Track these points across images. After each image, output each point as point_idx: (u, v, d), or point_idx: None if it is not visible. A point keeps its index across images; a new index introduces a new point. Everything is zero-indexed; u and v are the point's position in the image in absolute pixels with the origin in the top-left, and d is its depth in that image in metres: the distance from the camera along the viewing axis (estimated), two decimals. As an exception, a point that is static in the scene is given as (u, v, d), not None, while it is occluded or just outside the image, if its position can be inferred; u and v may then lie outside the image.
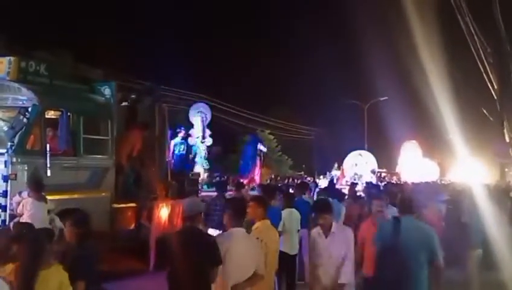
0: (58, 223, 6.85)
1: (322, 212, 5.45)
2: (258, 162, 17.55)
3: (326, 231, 5.38)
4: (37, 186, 7.35)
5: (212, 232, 6.77)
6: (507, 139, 22.92)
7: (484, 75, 22.49)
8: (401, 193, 11.85)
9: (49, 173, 8.24)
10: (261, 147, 18.45)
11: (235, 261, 4.43)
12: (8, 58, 8.78)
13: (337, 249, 5.29)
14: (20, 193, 7.47)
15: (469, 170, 25.69)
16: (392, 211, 8.96)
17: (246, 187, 13.41)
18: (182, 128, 15.04)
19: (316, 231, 5.52)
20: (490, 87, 22.70)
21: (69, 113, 8.80)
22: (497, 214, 7.97)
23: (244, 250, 4.50)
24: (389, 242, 5.03)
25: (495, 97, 22.84)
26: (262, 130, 36.48)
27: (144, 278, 5.23)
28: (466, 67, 23.20)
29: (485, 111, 24.11)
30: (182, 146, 14.73)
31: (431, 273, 4.97)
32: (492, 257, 7.47)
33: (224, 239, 4.51)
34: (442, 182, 30.00)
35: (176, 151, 14.49)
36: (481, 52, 22.11)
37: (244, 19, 40.39)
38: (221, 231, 5.82)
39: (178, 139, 14.65)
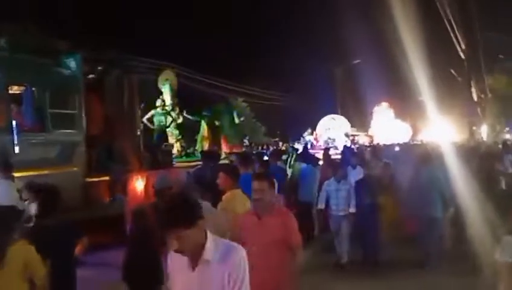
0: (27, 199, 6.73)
1: (257, 179, 4.31)
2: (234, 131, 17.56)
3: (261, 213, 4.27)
4: (4, 165, 7.17)
5: None
6: (475, 98, 23.38)
7: (452, 35, 22.71)
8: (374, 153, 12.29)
9: (17, 150, 8.06)
10: (236, 117, 18.44)
11: None
12: (-35, 32, 8.44)
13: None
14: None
15: (439, 130, 26.18)
16: (359, 171, 9.45)
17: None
18: (160, 100, 14.92)
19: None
20: (458, 47, 22.96)
21: (33, 88, 8.57)
22: (464, 172, 8.13)
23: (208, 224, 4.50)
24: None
25: (463, 57, 23.14)
26: (236, 98, 36.27)
27: (120, 250, 5.26)
28: (435, 28, 23.34)
29: (453, 72, 24.45)
30: (162, 117, 14.60)
31: None
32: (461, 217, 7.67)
33: None
34: (414, 142, 30.54)
35: (157, 123, 14.36)
36: (448, 13, 22.25)
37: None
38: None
39: (159, 110, 14.52)
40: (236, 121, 18.85)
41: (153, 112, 14.54)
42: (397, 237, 8.49)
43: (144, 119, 13.89)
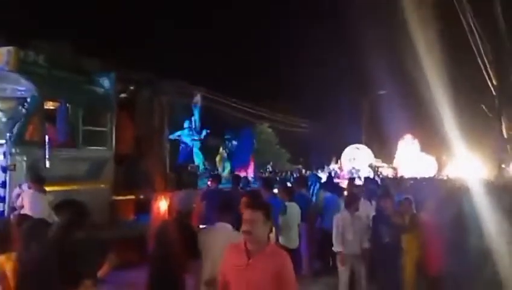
0: (54, 216, 6.86)
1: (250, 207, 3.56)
2: (251, 156, 17.67)
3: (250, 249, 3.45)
4: (37, 178, 7.33)
5: None
6: (505, 135, 23.00)
7: (483, 71, 22.52)
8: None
9: (48, 165, 8.21)
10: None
11: (212, 256, 4.51)
12: (7, 48, 8.73)
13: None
14: (20, 186, 7.46)
15: (466, 165, 25.73)
16: (367, 206, 8.78)
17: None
18: (189, 121, 15.16)
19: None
20: (489, 83, 22.73)
21: (68, 104, 8.76)
22: (496, 211, 7.98)
23: (219, 245, 4.38)
24: None
25: (494, 93, 22.88)
26: (261, 123, 36.44)
27: (142, 269, 5.28)
28: (465, 63, 23.19)
29: (484, 107, 24.16)
30: (189, 138, 14.83)
31: None
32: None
33: (205, 234, 4.61)
34: (439, 177, 30.04)
35: (183, 144, 14.60)
36: (481, 48, 22.13)
37: (244, 10, 40.25)
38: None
39: (186, 132, 14.75)
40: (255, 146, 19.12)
41: (180, 132, 14.72)
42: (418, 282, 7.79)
43: (171, 137, 14.06)
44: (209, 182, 10.84)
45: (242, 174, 15.98)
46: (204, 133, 16.66)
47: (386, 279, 6.94)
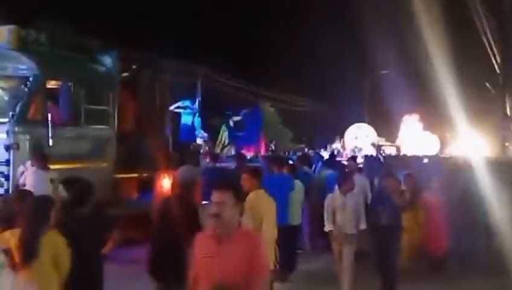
0: (62, 192, 6.90)
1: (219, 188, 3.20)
2: (261, 134, 17.70)
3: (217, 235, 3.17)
4: (39, 156, 7.39)
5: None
6: (509, 113, 22.91)
7: (488, 48, 22.34)
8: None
9: (51, 143, 8.25)
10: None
11: None
12: (8, 26, 8.67)
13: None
14: (24, 164, 7.52)
15: (469, 144, 25.68)
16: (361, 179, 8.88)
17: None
18: (190, 100, 15.13)
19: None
20: (493, 60, 22.57)
21: (70, 83, 8.76)
22: (499, 188, 8.03)
23: None
24: None
25: (498, 71, 22.73)
26: (264, 102, 36.33)
27: (145, 246, 5.36)
28: (469, 40, 22.99)
29: (488, 85, 24.01)
30: (190, 116, 14.84)
31: None
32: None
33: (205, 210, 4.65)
34: (442, 155, 30.03)
35: (184, 122, 14.60)
36: (485, 25, 21.90)
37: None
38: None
39: (187, 110, 14.76)
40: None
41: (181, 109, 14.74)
42: (419, 263, 7.83)
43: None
44: (207, 160, 10.91)
45: (251, 153, 16.05)
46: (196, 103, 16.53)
47: (382, 262, 6.63)
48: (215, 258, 3.09)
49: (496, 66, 22.65)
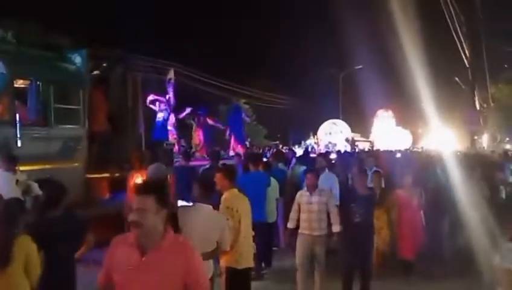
0: (36, 189, 6.77)
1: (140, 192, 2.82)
2: (243, 132, 17.76)
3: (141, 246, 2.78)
4: (7, 157, 7.20)
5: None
6: (477, 107, 23.40)
7: (457, 43, 22.76)
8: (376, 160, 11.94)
9: (19, 144, 8.07)
10: (245, 117, 18.69)
11: (193, 236, 4.35)
12: (-28, 25, 8.45)
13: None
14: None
15: (441, 137, 26.18)
16: (329, 176, 8.57)
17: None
18: (163, 97, 15.02)
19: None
20: (463, 56, 23.01)
21: (38, 82, 8.58)
22: (466, 180, 8.17)
23: (204, 225, 4.45)
24: None
25: (467, 66, 23.20)
26: (238, 99, 36.27)
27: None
28: (440, 36, 23.40)
29: (457, 79, 24.47)
30: (165, 114, 14.73)
31: None
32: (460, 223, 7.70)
33: (185, 213, 4.51)
34: (415, 149, 30.55)
35: (159, 120, 14.50)
36: (455, 20, 22.30)
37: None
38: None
39: (161, 107, 14.65)
40: (248, 120, 19.25)
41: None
42: (392, 264, 7.51)
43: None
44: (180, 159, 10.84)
45: (239, 149, 16.04)
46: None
47: (356, 261, 6.29)
48: (137, 271, 2.71)
49: (466, 61, 23.10)
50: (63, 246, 4.25)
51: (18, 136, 8.08)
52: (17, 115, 8.16)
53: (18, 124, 8.10)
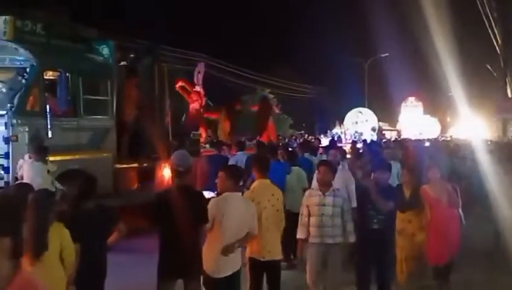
0: (57, 184, 6.90)
1: None
2: (271, 122, 17.83)
3: None
4: (38, 148, 7.34)
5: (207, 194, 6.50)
6: (509, 95, 22.82)
7: (489, 30, 22.20)
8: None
9: (50, 135, 8.19)
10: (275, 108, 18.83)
11: (228, 225, 4.60)
12: (3, 17, 8.57)
13: None
14: (23, 157, 7.48)
15: (470, 126, 25.62)
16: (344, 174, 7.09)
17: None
18: (191, 88, 15.16)
19: None
20: (494, 42, 22.44)
21: (67, 74, 8.66)
22: (499, 170, 7.96)
23: (238, 213, 4.66)
24: None
25: (499, 52, 22.63)
26: (263, 89, 36.19)
27: (147, 236, 5.29)
28: (470, 22, 22.82)
29: (489, 66, 23.90)
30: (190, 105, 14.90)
31: None
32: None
33: (219, 204, 4.65)
34: (443, 138, 30.01)
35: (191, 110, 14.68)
36: (486, 7, 21.73)
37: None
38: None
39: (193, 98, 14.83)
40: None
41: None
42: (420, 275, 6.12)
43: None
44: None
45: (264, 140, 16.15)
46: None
47: (376, 274, 5.51)
48: None
49: (497, 48, 22.51)
50: (96, 237, 4.36)
51: (49, 127, 8.20)
52: (48, 106, 8.26)
53: (49, 115, 8.21)
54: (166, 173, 10.07)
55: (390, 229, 5.49)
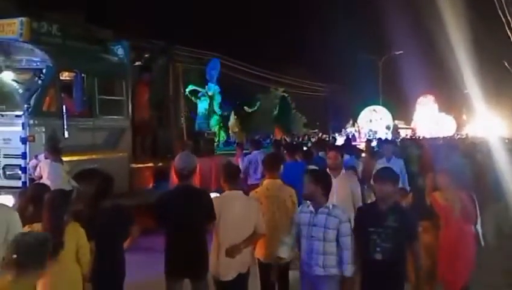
0: (73, 183, 6.94)
1: None
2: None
3: None
4: (54, 148, 7.40)
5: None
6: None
7: (505, 26, 21.89)
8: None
9: (66, 135, 8.26)
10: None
11: (230, 224, 4.54)
12: (19, 19, 8.65)
13: None
14: (36, 156, 7.54)
15: (486, 124, 25.32)
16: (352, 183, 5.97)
17: None
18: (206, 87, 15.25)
19: None
20: (511, 38, 22.12)
21: (83, 74, 8.72)
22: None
23: (240, 212, 4.57)
24: None
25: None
26: (276, 88, 36.18)
27: (159, 235, 5.31)
28: (486, 18, 22.54)
29: (505, 63, 23.59)
30: (206, 103, 14.93)
31: None
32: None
33: (219, 202, 4.62)
34: (458, 136, 29.73)
35: (200, 109, 14.69)
36: (503, 2, 21.43)
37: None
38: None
39: (203, 97, 14.86)
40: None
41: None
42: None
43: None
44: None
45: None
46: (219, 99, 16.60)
47: None
48: None
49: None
50: (114, 236, 4.36)
51: (65, 127, 8.27)
52: (64, 107, 8.33)
53: (65, 116, 8.28)
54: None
55: (400, 261, 4.17)
